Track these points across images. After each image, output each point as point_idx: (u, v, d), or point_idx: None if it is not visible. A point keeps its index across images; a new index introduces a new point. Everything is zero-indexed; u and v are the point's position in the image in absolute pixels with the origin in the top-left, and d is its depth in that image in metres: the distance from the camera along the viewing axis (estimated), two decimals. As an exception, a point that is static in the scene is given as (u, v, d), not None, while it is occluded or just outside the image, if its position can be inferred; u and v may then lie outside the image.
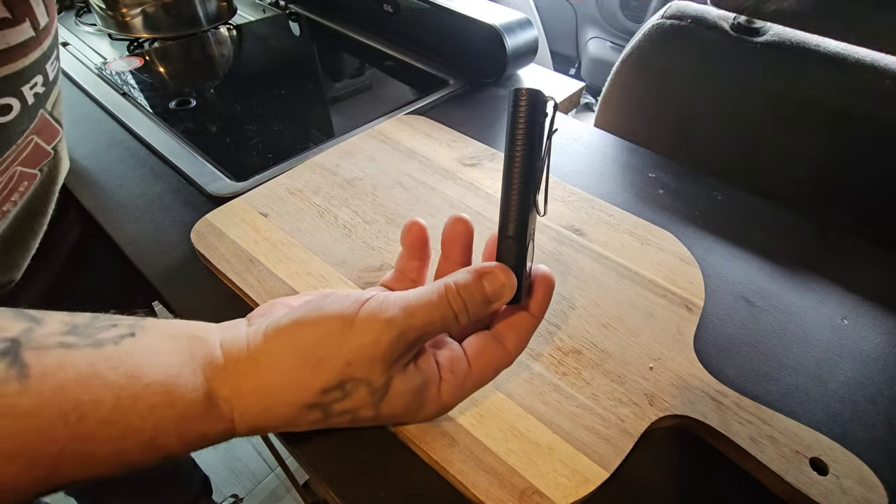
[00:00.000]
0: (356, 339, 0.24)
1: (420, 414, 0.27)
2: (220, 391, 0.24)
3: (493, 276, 0.25)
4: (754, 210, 0.53)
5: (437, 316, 0.25)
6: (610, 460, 0.32)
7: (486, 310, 0.26)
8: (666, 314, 0.40)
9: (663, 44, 0.69)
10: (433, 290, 0.25)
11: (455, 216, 0.28)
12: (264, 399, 0.24)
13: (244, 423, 0.24)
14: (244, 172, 0.55)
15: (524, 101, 0.24)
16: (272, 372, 0.24)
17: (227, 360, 0.25)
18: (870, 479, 0.31)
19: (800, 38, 0.61)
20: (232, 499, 1.16)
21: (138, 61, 0.76)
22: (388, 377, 0.25)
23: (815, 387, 0.38)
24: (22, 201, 0.42)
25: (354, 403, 0.25)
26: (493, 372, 0.28)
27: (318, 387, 0.24)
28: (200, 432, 0.23)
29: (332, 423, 0.26)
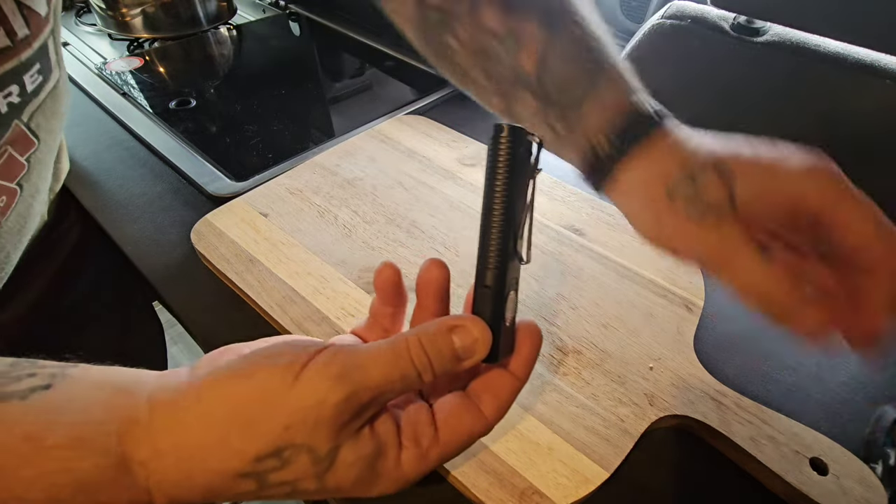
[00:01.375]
0: (298, 398, 0.20)
1: (374, 488, 0.23)
2: (136, 453, 0.20)
3: (464, 329, 0.22)
4: (754, 210, 0.53)
5: (396, 374, 0.21)
6: (610, 460, 0.32)
7: (454, 367, 0.22)
8: (666, 314, 0.40)
9: (663, 44, 0.69)
10: (394, 343, 0.22)
11: (430, 259, 0.25)
12: (183, 462, 0.20)
13: (161, 492, 0.20)
14: (244, 172, 0.55)
15: (505, 139, 0.22)
16: (194, 430, 0.20)
17: (151, 416, 0.21)
18: (870, 479, 0.31)
19: (800, 38, 0.61)
20: (232, 499, 1.15)
21: (138, 61, 0.76)
22: (334, 444, 0.21)
23: (815, 387, 0.38)
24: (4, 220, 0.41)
25: (294, 474, 0.21)
26: (465, 441, 0.23)
27: (251, 453, 0.20)
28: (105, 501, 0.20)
29: (267, 495, 0.22)
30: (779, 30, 0.63)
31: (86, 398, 0.21)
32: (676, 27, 0.67)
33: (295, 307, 0.40)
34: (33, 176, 0.43)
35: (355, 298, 0.41)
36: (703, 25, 0.66)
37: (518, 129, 0.22)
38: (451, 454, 0.24)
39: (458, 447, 0.24)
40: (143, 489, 0.20)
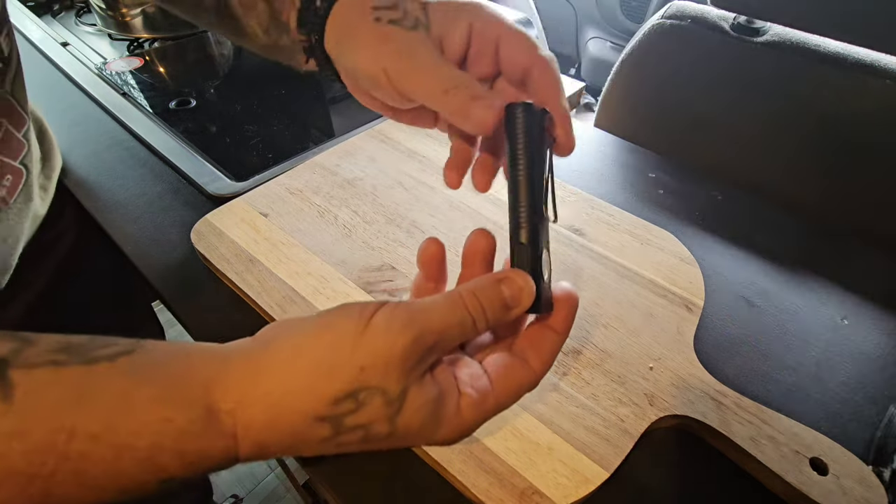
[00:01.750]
0: (370, 343, 0.22)
1: (438, 433, 0.24)
2: (223, 403, 0.22)
3: (510, 280, 0.24)
4: (754, 210, 0.53)
5: (454, 319, 0.23)
6: (610, 460, 0.32)
7: (505, 315, 0.24)
8: (666, 314, 0.40)
9: (663, 44, 0.69)
10: (449, 294, 0.24)
11: (477, 229, 0.27)
12: (272, 407, 0.22)
13: (248, 438, 0.22)
14: (244, 172, 0.55)
15: (521, 114, 0.25)
16: (281, 377, 0.22)
17: (231, 370, 0.23)
18: (870, 479, 0.31)
19: (800, 38, 0.61)
20: (232, 499, 1.16)
21: (138, 61, 0.76)
22: (404, 385, 0.22)
23: (815, 387, 0.38)
24: (13, 201, 0.42)
25: (368, 416, 0.22)
26: (517, 390, 0.25)
27: (330, 395, 0.22)
28: (200, 449, 0.22)
29: (341, 443, 0.23)
30: (779, 30, 0.63)
31: (166, 361, 0.22)
32: (676, 27, 0.67)
33: (295, 307, 0.40)
34: (33, 157, 0.43)
35: (355, 298, 0.41)
36: (703, 25, 0.66)
37: (528, 104, 0.25)
38: (505, 404, 0.25)
39: (511, 397, 0.25)
40: (230, 435, 0.22)
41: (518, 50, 0.27)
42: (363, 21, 0.27)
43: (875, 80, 0.57)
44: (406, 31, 0.26)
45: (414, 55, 0.26)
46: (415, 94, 0.26)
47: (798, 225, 0.51)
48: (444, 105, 0.26)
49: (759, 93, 0.65)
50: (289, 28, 0.30)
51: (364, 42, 0.27)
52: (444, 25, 0.27)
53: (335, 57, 0.29)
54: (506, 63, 0.27)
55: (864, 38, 0.55)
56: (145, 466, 0.21)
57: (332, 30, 0.29)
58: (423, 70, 0.26)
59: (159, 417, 0.21)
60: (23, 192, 0.43)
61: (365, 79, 0.28)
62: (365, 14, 0.27)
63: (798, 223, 0.51)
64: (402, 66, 0.26)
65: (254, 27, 0.32)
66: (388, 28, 0.26)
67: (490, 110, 0.25)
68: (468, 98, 0.25)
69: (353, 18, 0.28)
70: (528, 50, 0.27)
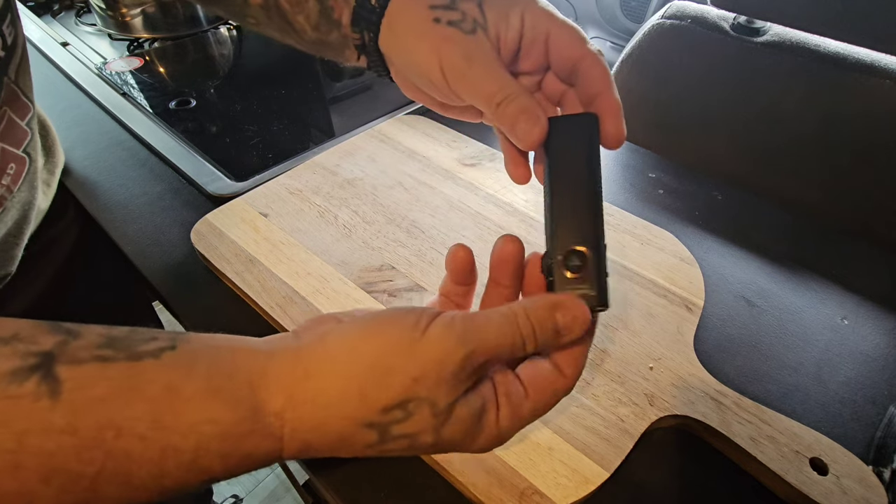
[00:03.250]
0: (424, 354, 0.22)
1: (476, 443, 0.24)
2: (270, 404, 0.22)
3: (566, 308, 0.24)
4: (754, 210, 0.53)
5: (507, 340, 0.23)
6: (610, 460, 0.32)
7: (554, 341, 0.24)
8: (666, 314, 0.40)
9: (663, 44, 0.69)
10: (504, 313, 0.23)
11: (505, 236, 0.27)
12: (322, 410, 0.22)
13: (294, 440, 0.22)
14: (244, 172, 0.55)
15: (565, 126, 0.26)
16: (332, 380, 0.22)
17: (277, 368, 0.23)
18: (870, 479, 0.31)
19: (800, 38, 0.61)
20: (232, 499, 1.16)
21: (138, 61, 0.76)
22: (452, 399, 0.22)
23: (815, 387, 0.38)
24: (17, 190, 0.42)
25: (415, 427, 0.22)
26: (551, 397, 0.25)
27: (381, 403, 0.22)
28: (245, 452, 0.21)
29: (385, 450, 0.23)
30: (779, 30, 0.63)
31: (209, 355, 0.22)
32: (676, 27, 0.67)
33: (295, 307, 0.40)
34: (37, 146, 0.43)
35: (355, 298, 0.41)
36: (703, 25, 0.66)
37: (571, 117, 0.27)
38: (541, 411, 0.25)
39: (546, 404, 0.25)
40: (276, 437, 0.22)
41: (568, 44, 0.27)
42: (422, 21, 0.27)
43: (875, 80, 0.57)
44: (465, 35, 0.27)
45: (472, 60, 0.27)
46: (469, 97, 0.27)
47: (798, 225, 0.51)
48: (494, 114, 0.26)
49: (759, 93, 0.65)
50: (341, 25, 0.30)
51: (423, 42, 0.27)
52: (499, 23, 0.27)
53: (389, 54, 0.30)
54: (555, 56, 0.28)
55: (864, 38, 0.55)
56: (189, 466, 0.20)
57: (388, 28, 0.29)
58: (479, 76, 0.26)
59: (205, 418, 0.21)
60: (26, 181, 0.43)
61: (420, 77, 0.28)
62: (423, 14, 0.27)
63: (798, 223, 0.51)
64: (459, 69, 0.27)
65: (302, 23, 0.32)
66: (448, 30, 0.27)
67: (536, 127, 0.26)
68: (517, 111, 0.26)
69: (410, 18, 0.28)
70: (578, 43, 0.27)
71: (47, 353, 0.20)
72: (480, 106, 0.27)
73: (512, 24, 0.27)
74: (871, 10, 0.53)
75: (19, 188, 0.42)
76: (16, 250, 0.44)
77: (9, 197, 0.41)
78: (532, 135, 0.26)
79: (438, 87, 0.28)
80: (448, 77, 0.27)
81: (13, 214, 0.42)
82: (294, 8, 0.32)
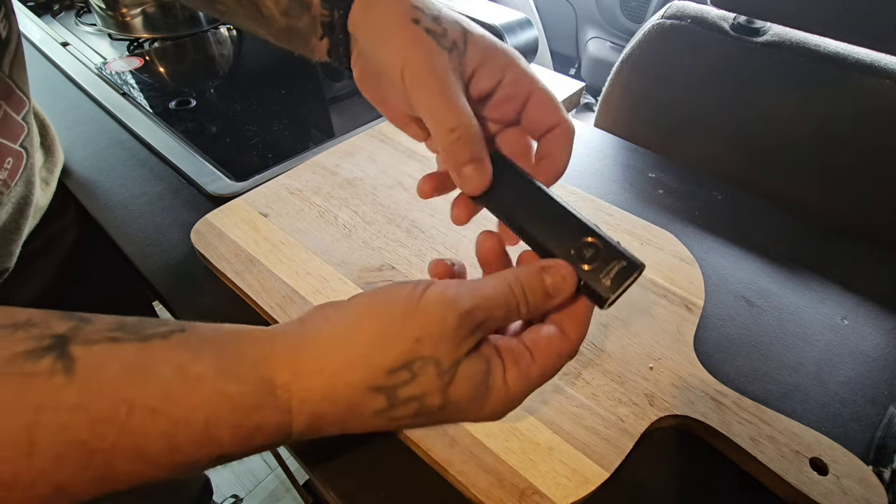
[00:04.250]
0: (423, 315, 0.23)
1: (486, 406, 0.25)
2: (277, 377, 0.22)
3: (553, 269, 0.25)
4: (754, 210, 0.53)
5: (501, 300, 0.24)
6: (610, 460, 0.32)
7: (546, 303, 0.25)
8: (666, 314, 0.40)
9: (663, 44, 0.69)
10: (497, 276, 0.25)
11: (483, 232, 0.28)
12: (329, 378, 0.22)
13: (303, 412, 0.22)
14: (244, 172, 0.55)
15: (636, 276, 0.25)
16: (337, 350, 0.23)
17: (284, 349, 0.23)
18: (870, 479, 0.31)
19: (800, 38, 0.61)
20: (232, 499, 1.16)
21: (138, 61, 0.76)
22: (455, 358, 0.23)
23: (815, 387, 0.38)
24: (13, 184, 0.42)
25: (422, 388, 0.23)
26: (557, 360, 0.26)
27: (386, 365, 0.22)
28: (255, 424, 0.22)
29: (395, 417, 0.24)
30: (779, 30, 0.63)
31: (217, 339, 0.23)
32: (676, 27, 0.67)
33: (295, 307, 0.40)
34: (34, 141, 0.43)
35: (355, 298, 0.41)
36: (703, 25, 0.66)
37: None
38: (549, 374, 0.26)
39: (553, 366, 0.26)
40: (285, 409, 0.22)
41: (547, 111, 0.28)
42: (400, 14, 0.27)
43: (875, 80, 0.57)
44: (438, 48, 0.26)
45: (436, 74, 0.26)
46: (421, 111, 0.26)
47: (798, 225, 0.51)
48: (443, 143, 0.26)
49: (758, 93, 0.65)
50: (311, 5, 0.30)
51: (393, 35, 0.26)
52: (480, 60, 0.27)
53: (356, 33, 0.29)
54: (531, 119, 0.28)
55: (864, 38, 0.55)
56: (201, 441, 0.21)
57: (362, 7, 0.28)
58: (439, 93, 0.26)
59: (214, 391, 0.21)
60: (23, 176, 0.43)
61: (380, 69, 0.28)
62: (404, 9, 0.27)
63: (798, 223, 0.51)
64: (420, 77, 0.26)
65: (271, 8, 0.31)
66: (423, 35, 0.26)
67: (484, 178, 0.26)
68: (469, 157, 0.26)
69: (388, 7, 0.27)
70: (556, 112, 0.28)
71: (61, 335, 0.20)
72: (430, 125, 0.26)
73: (491, 72, 0.27)
74: (871, 10, 0.53)
75: (16, 183, 0.42)
76: (13, 246, 0.44)
77: (5, 192, 0.41)
78: (478, 185, 0.26)
79: (395, 86, 0.27)
80: (406, 80, 0.26)
81: (9, 210, 0.42)
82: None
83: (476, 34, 0.28)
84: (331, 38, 0.31)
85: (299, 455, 0.34)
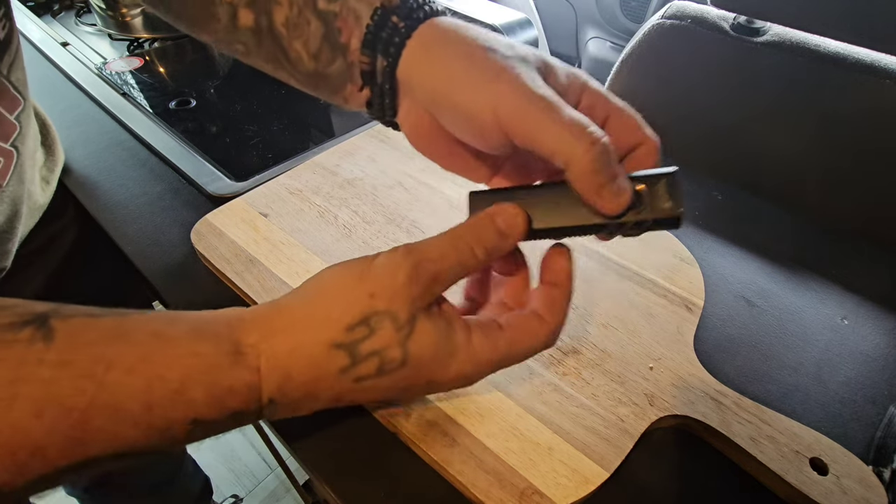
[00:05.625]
0: (376, 273, 0.24)
1: (452, 366, 0.25)
2: (247, 338, 0.24)
3: (502, 211, 0.25)
4: (754, 210, 0.53)
5: (450, 248, 0.25)
6: (610, 460, 0.32)
7: (501, 243, 0.25)
8: (666, 314, 0.40)
9: (663, 44, 0.69)
10: (445, 231, 0.26)
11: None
12: (293, 337, 0.24)
13: (271, 370, 0.23)
14: (244, 172, 0.55)
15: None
16: (302, 310, 0.24)
17: (254, 314, 0.25)
18: (870, 479, 0.31)
19: (800, 38, 0.61)
20: (232, 499, 1.16)
21: (138, 61, 0.76)
22: (411, 311, 0.24)
23: (815, 387, 0.38)
24: (6, 184, 0.41)
25: (381, 342, 0.24)
26: (531, 338, 0.26)
27: (345, 322, 0.24)
28: (227, 385, 0.23)
29: (360, 376, 0.24)
30: (779, 30, 0.63)
31: (194, 314, 0.24)
32: (676, 27, 0.67)
33: (295, 307, 0.40)
34: (27, 140, 0.43)
35: (355, 298, 0.41)
36: (703, 25, 0.66)
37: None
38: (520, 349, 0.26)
39: (527, 345, 0.26)
40: (253, 368, 0.23)
41: (630, 129, 0.26)
42: (473, 49, 0.24)
43: (875, 80, 0.57)
44: (528, 70, 0.24)
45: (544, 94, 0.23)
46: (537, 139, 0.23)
47: (798, 225, 0.51)
48: (585, 162, 0.22)
49: (758, 93, 0.65)
50: (347, 49, 0.27)
51: (471, 74, 0.24)
52: (563, 86, 0.25)
53: (413, 80, 0.26)
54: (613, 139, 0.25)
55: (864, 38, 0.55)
56: (175, 399, 0.22)
57: (423, 49, 0.26)
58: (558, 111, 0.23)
59: (190, 351, 0.22)
60: (15, 175, 0.42)
61: (459, 115, 0.25)
62: (475, 43, 0.25)
63: (798, 223, 0.51)
64: (525, 107, 0.23)
65: (298, 51, 0.29)
66: (507, 63, 0.24)
67: (629, 189, 0.24)
68: (615, 169, 0.23)
69: (457, 43, 0.25)
70: (639, 130, 0.26)
71: (41, 313, 0.21)
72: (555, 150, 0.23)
73: (572, 95, 0.25)
74: (871, 10, 0.53)
75: (8, 182, 0.42)
76: (8, 245, 0.44)
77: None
78: (626, 200, 0.24)
79: (479, 128, 0.25)
80: (503, 115, 0.23)
81: (3, 209, 0.42)
82: (292, 32, 0.28)
83: (550, 58, 0.26)
84: (373, 88, 0.28)
85: (299, 455, 0.34)
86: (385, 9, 0.26)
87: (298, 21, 0.28)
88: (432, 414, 0.34)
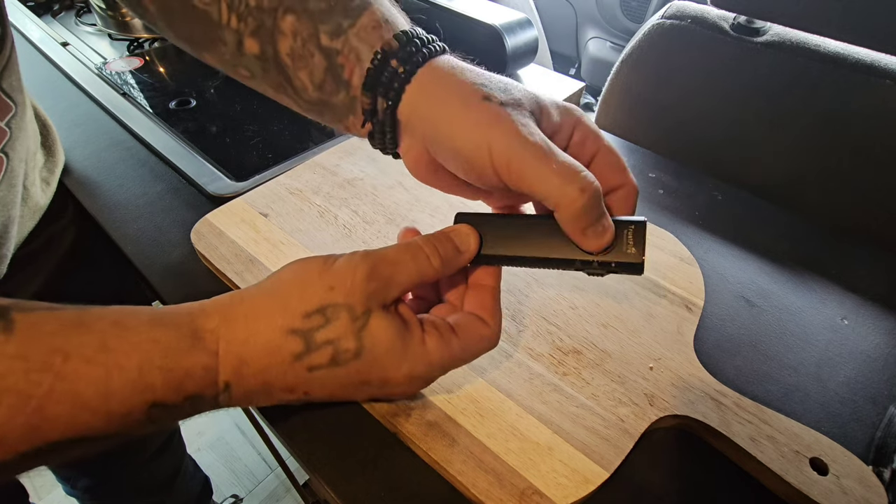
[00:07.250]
0: (336, 268, 0.26)
1: (405, 363, 0.27)
2: (207, 323, 0.25)
3: (458, 232, 0.28)
4: (754, 210, 0.53)
5: (407, 255, 0.27)
6: (610, 460, 0.32)
7: (457, 256, 0.28)
8: (666, 314, 0.40)
9: (663, 44, 0.69)
10: (403, 242, 0.28)
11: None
12: (251, 322, 0.25)
13: (228, 354, 0.24)
14: (244, 172, 0.55)
15: None
16: (262, 299, 0.26)
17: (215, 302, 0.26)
18: (870, 479, 0.31)
19: (800, 38, 0.61)
20: (232, 499, 1.16)
21: (138, 61, 0.76)
22: (367, 306, 0.25)
23: (815, 387, 0.38)
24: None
25: (336, 332, 0.25)
26: (479, 341, 0.28)
27: (301, 310, 0.25)
28: (185, 368, 0.23)
29: (313, 364, 0.25)
30: (779, 30, 0.63)
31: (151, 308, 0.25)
32: (676, 27, 0.67)
33: (295, 307, 0.40)
34: (17, 145, 0.42)
35: (355, 298, 0.41)
36: (703, 25, 0.66)
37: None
38: (469, 349, 0.28)
39: (476, 347, 0.28)
40: (212, 352, 0.24)
41: (614, 170, 0.27)
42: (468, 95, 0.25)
43: (875, 80, 0.57)
44: (522, 116, 0.25)
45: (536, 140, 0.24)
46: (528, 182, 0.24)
47: (798, 225, 0.51)
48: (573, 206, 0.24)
49: (759, 93, 0.65)
50: (350, 85, 0.28)
51: (467, 119, 0.25)
52: (555, 126, 0.27)
53: (413, 122, 0.27)
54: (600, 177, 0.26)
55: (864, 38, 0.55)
56: (134, 385, 0.22)
57: (422, 94, 0.27)
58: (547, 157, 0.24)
59: (149, 338, 0.23)
60: (5, 181, 0.42)
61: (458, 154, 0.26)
62: (470, 88, 0.25)
63: (798, 223, 0.51)
64: (517, 152, 0.24)
65: (303, 80, 0.29)
66: (500, 110, 0.25)
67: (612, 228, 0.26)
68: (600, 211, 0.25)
69: (455, 88, 0.26)
70: (622, 173, 0.27)
71: (3, 306, 0.22)
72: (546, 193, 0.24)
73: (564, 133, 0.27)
74: (871, 10, 0.53)
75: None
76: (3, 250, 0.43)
77: None
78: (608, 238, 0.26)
79: (477, 168, 0.25)
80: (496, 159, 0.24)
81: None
82: (297, 62, 0.29)
83: (544, 97, 0.27)
84: (374, 124, 0.29)
85: (299, 455, 0.34)
86: (385, 52, 0.27)
87: (303, 53, 0.29)
88: (432, 414, 0.34)
